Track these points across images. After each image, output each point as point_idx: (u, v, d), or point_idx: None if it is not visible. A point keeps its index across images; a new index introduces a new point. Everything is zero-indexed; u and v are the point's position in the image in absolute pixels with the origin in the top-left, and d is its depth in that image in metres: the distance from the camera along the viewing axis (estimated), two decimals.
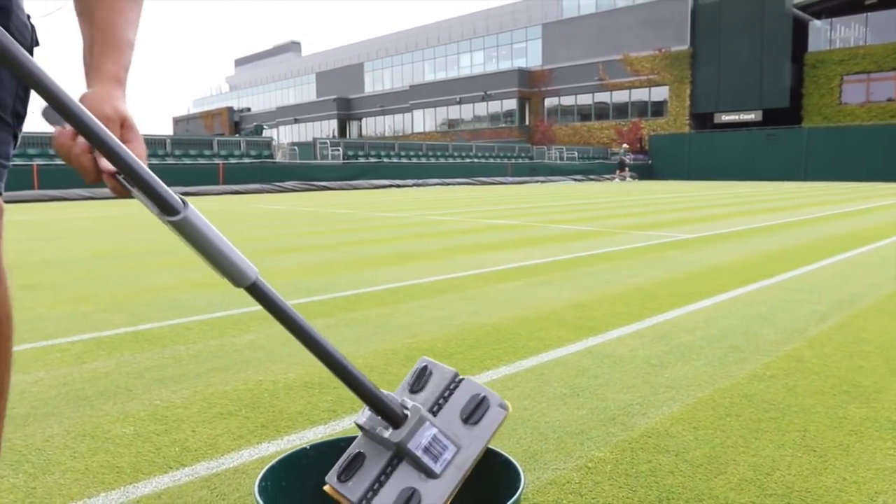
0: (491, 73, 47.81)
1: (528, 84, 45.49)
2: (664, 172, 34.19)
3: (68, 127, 0.80)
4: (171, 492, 1.39)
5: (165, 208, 0.78)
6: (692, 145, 33.80)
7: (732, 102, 35.94)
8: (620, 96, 41.77)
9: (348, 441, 1.00)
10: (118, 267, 4.64)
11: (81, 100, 0.85)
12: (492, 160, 29.96)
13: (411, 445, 0.88)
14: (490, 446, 0.99)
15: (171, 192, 0.79)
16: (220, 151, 21.96)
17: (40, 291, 3.75)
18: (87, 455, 1.58)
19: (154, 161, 20.08)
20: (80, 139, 0.81)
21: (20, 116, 1.01)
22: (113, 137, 0.76)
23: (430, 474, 0.88)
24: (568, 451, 1.58)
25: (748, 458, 1.54)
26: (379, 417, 0.90)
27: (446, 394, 0.94)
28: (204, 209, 11.53)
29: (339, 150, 25.07)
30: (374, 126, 55.59)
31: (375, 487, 0.88)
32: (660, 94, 39.82)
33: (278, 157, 24.34)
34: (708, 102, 37.25)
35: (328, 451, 1.00)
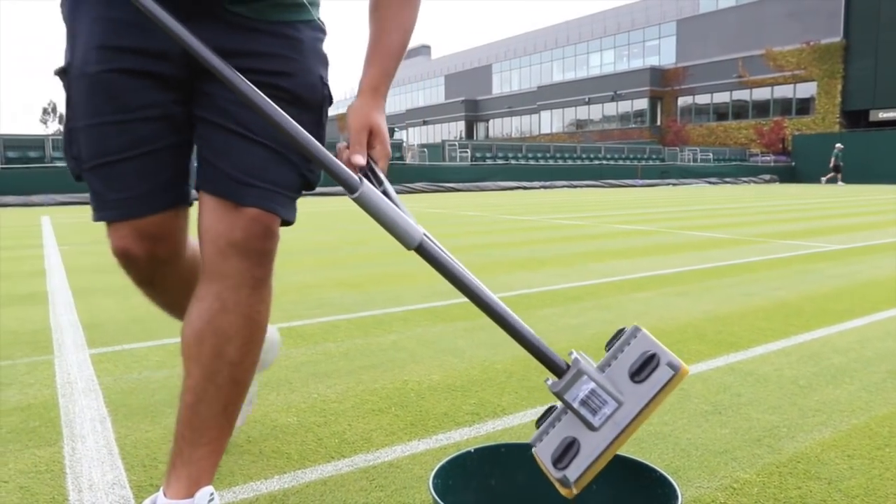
0: (621, 72, 46.67)
1: (661, 83, 43.96)
2: (809, 175, 31.85)
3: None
4: (335, 479, 1.54)
5: (348, 187, 0.99)
6: (843, 145, 31.26)
7: (892, 98, 32.96)
8: (761, 94, 39.46)
9: (508, 447, 1.08)
10: None
11: (347, 111, 1.18)
12: (621, 162, 29.26)
13: (568, 397, 0.92)
14: (645, 462, 1.03)
15: (351, 174, 1.01)
16: None
17: None
18: (260, 440, 1.77)
19: None
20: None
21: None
22: (307, 135, 1.01)
23: (589, 426, 0.91)
24: (712, 470, 1.58)
25: None
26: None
27: (623, 348, 0.95)
28: (338, 210, 12.12)
29: (467, 152, 25.44)
30: (500, 127, 55.85)
31: (547, 431, 0.95)
32: (806, 90, 37.24)
33: (408, 159, 25.07)
34: (863, 98, 34.42)
35: (489, 455, 1.08)
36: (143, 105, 1.15)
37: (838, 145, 27.74)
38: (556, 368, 0.95)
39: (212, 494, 1.22)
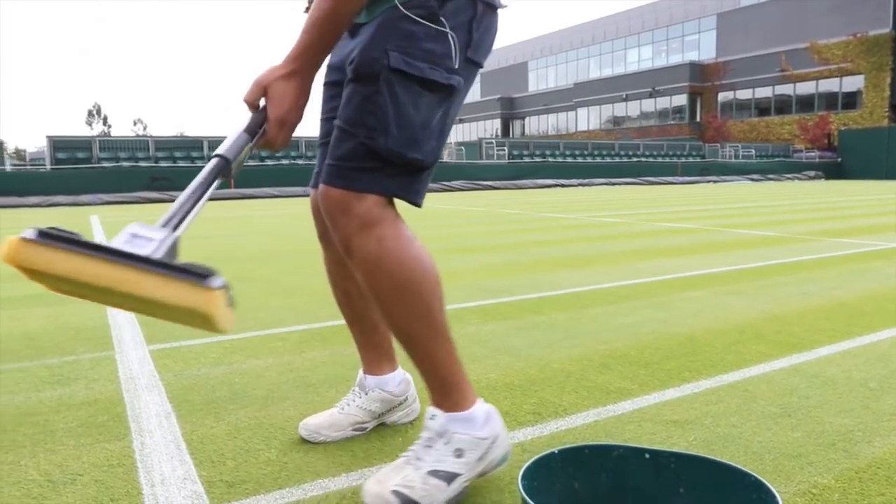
0: (660, 67, 45.99)
1: (700, 78, 43.21)
2: (856, 171, 31.01)
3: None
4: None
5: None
6: (892, 140, 30.30)
7: None
8: (805, 88, 38.51)
9: (592, 448, 1.06)
10: (314, 263, 5.04)
11: None
12: (660, 159, 28.85)
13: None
14: (737, 465, 1.00)
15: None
16: None
17: (253, 283, 4.19)
18: None
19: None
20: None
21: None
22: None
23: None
24: (788, 475, 1.53)
25: None
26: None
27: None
28: None
29: (504, 150, 25.34)
30: (536, 125, 55.50)
31: None
32: (853, 84, 36.25)
33: (445, 157, 25.08)
34: None
35: (573, 456, 1.06)
36: (326, 109, 1.60)
37: None
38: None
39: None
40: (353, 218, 1.34)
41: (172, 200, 13.30)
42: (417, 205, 1.40)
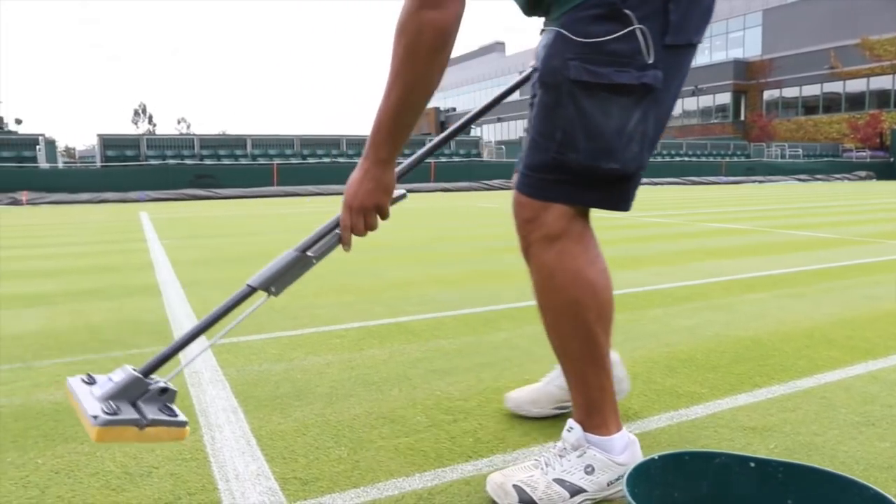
0: (703, 65, 45.13)
1: (745, 76, 42.32)
2: None
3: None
4: (478, 480, 1.50)
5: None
6: None
7: None
8: (856, 85, 37.42)
9: (693, 455, 1.02)
10: (363, 261, 5.06)
11: None
12: (703, 159, 28.34)
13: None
14: (854, 478, 0.95)
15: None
16: None
17: (304, 281, 4.20)
18: (392, 436, 1.76)
19: None
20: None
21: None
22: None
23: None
24: (882, 487, 1.43)
25: None
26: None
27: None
28: (417, 207, 12.21)
29: None
30: None
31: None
32: None
33: (485, 156, 25.02)
34: None
35: (672, 463, 1.02)
36: (532, 94, 1.46)
37: None
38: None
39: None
40: (538, 227, 1.34)
41: (215, 197, 13.55)
42: (625, 210, 1.41)
